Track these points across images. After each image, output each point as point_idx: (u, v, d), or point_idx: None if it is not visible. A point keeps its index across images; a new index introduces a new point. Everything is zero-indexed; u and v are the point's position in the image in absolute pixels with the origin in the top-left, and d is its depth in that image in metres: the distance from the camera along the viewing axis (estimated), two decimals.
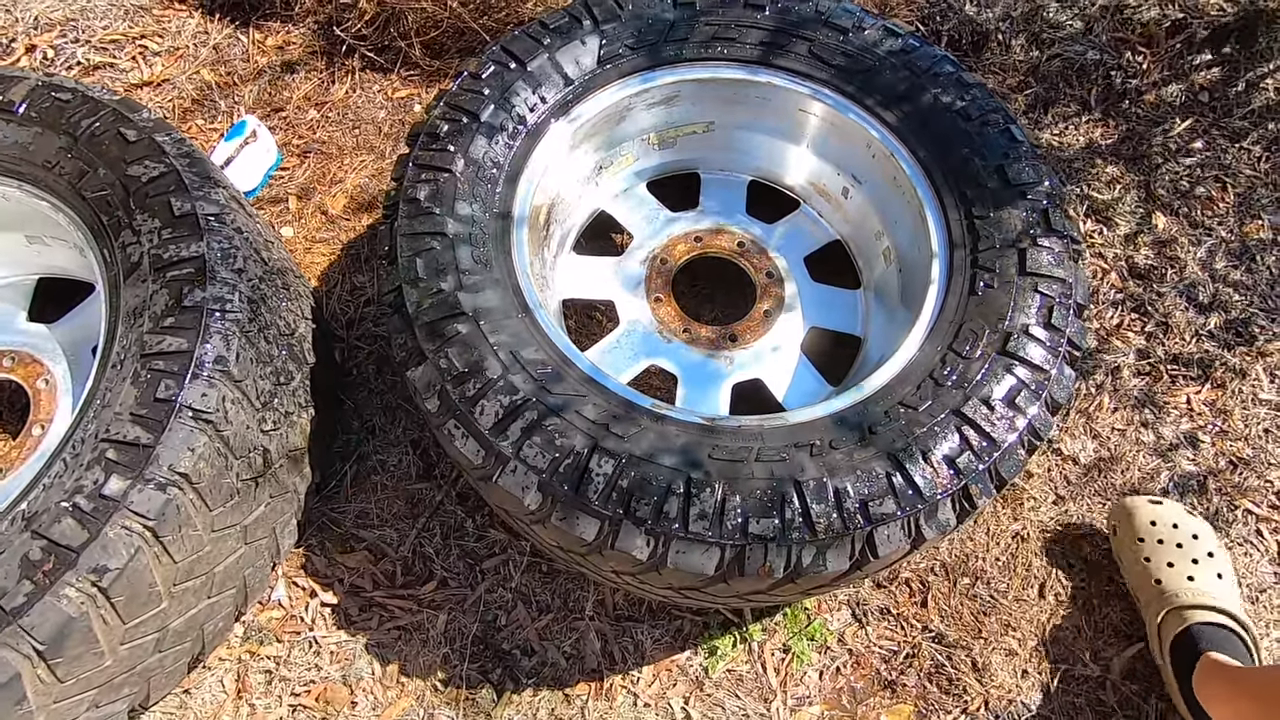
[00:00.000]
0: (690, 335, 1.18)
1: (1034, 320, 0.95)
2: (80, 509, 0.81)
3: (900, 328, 1.06)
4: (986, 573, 1.19)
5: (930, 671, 1.13)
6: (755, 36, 1.15)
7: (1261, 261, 1.41)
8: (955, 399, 0.90)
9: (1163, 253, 1.42)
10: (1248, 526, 1.23)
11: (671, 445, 0.87)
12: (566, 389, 0.90)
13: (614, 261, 1.25)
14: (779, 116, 1.21)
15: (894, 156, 1.10)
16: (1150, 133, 1.50)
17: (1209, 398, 1.31)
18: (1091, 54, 1.56)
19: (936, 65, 1.11)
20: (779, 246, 1.27)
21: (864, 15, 1.15)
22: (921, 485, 0.85)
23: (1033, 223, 1.01)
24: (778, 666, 1.13)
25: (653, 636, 1.14)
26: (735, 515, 0.83)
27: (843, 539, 0.83)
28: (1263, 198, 1.45)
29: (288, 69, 1.59)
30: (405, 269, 0.96)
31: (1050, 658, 1.14)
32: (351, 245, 1.44)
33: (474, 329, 0.92)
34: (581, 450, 0.85)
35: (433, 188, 1.01)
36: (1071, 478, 1.26)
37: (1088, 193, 1.47)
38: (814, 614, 1.16)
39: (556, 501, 0.85)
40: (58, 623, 0.78)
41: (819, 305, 1.24)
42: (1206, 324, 1.36)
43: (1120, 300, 1.39)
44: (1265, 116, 1.51)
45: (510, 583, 1.18)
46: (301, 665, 1.13)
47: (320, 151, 1.52)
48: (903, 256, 1.16)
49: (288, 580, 1.18)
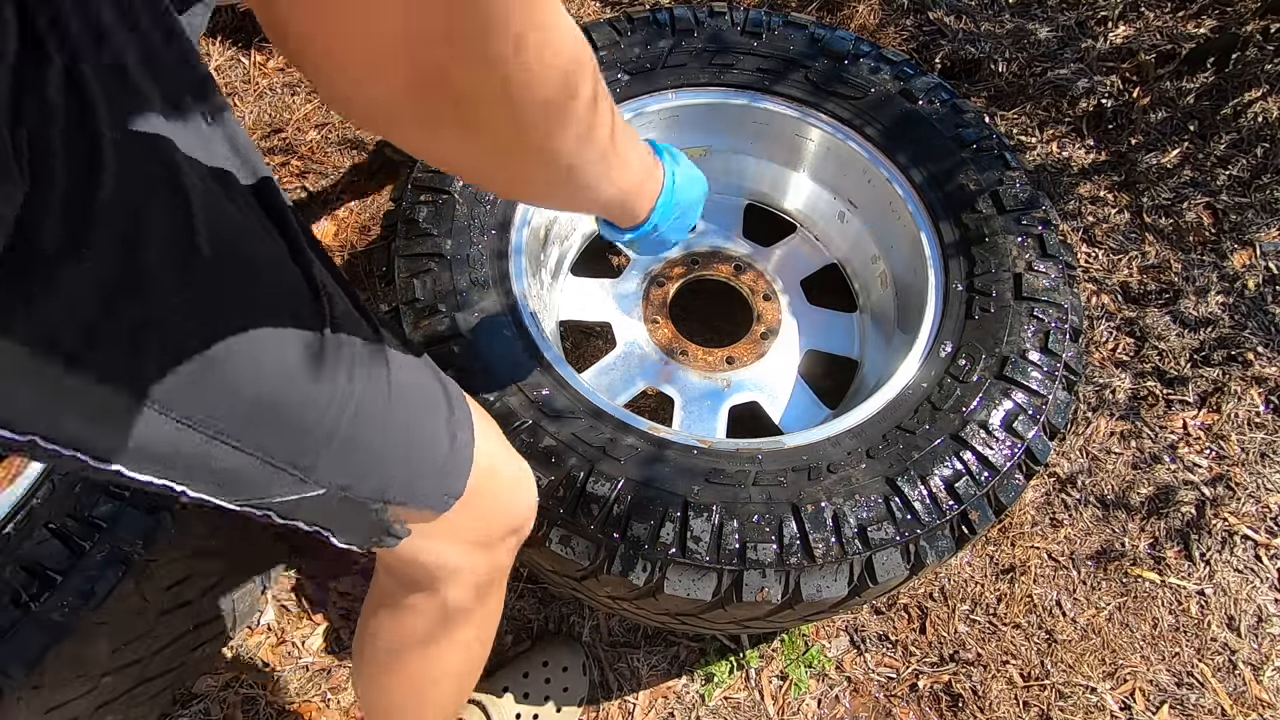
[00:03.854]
0: (687, 358, 1.18)
1: (1030, 345, 0.95)
2: (68, 531, 0.80)
3: (897, 351, 1.07)
4: (985, 598, 1.18)
5: (930, 700, 1.12)
6: (752, 63, 1.16)
7: (1253, 285, 1.42)
8: (953, 423, 0.90)
9: (1155, 276, 1.43)
10: (1246, 552, 1.22)
11: (668, 469, 0.86)
12: (563, 411, 0.89)
13: (611, 283, 1.25)
14: (776, 142, 1.22)
15: (890, 182, 1.11)
16: (1140, 157, 1.52)
17: (1204, 421, 1.32)
18: (1082, 81, 1.58)
19: (932, 92, 1.13)
20: (776, 269, 1.28)
21: (859, 42, 1.17)
22: (920, 510, 0.84)
23: (1028, 247, 1.02)
24: (775, 694, 1.12)
25: (649, 663, 1.13)
26: (732, 540, 0.82)
27: (841, 564, 0.82)
28: (1252, 221, 1.46)
29: (288, 90, 1.60)
30: (403, 290, 0.96)
31: (1052, 685, 1.13)
32: (348, 266, 1.44)
33: (471, 351, 0.92)
34: (578, 473, 0.84)
35: (431, 209, 1.01)
36: (1068, 502, 1.26)
37: (1081, 216, 1.48)
38: (811, 640, 1.15)
39: (552, 525, 0.84)
40: (41, 648, 0.77)
41: (815, 328, 1.24)
42: (1200, 348, 1.36)
43: (1114, 324, 1.40)
44: (1252, 141, 1.53)
45: (505, 608, 1.16)
46: (290, 690, 1.11)
47: (318, 172, 1.53)
48: (899, 280, 1.16)
49: (277, 604, 1.16)
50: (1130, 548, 1.22)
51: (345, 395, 0.51)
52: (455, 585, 0.69)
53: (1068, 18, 1.66)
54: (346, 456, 0.53)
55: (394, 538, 0.61)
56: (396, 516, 0.60)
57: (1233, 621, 1.17)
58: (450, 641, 0.74)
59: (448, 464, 0.62)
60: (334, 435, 0.52)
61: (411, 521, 0.62)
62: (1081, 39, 1.64)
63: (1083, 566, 1.21)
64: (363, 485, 0.56)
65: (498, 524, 0.70)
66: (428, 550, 0.65)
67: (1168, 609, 1.18)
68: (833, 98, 1.14)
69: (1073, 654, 1.15)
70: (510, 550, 0.74)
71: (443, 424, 0.62)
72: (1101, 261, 1.45)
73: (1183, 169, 1.52)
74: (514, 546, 0.75)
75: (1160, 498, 1.26)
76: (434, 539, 0.65)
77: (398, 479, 0.58)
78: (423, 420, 0.61)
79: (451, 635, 0.73)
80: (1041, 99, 1.59)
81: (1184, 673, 1.14)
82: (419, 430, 0.60)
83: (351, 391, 0.52)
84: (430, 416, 0.61)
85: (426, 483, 0.61)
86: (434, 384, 0.63)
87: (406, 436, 0.58)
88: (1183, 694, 1.13)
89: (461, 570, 0.68)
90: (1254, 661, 1.15)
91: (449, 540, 0.66)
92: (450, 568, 0.67)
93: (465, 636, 0.75)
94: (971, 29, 1.64)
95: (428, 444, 0.61)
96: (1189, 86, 1.58)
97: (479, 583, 0.71)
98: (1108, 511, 1.25)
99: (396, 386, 0.56)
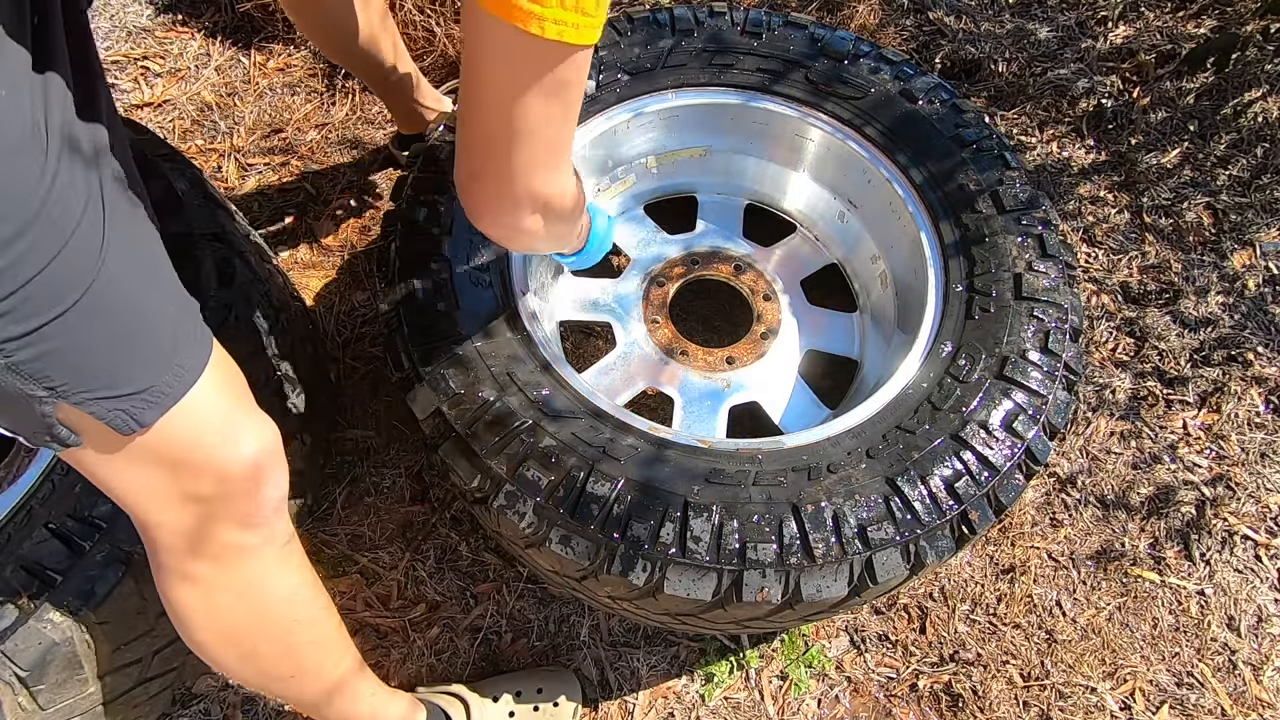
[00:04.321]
0: (687, 358, 1.18)
1: (1030, 345, 0.95)
2: (68, 531, 0.80)
3: (897, 351, 1.07)
4: (985, 598, 1.18)
5: (930, 700, 1.12)
6: (752, 63, 1.16)
7: (1253, 285, 1.42)
8: (953, 423, 0.90)
9: (1155, 276, 1.43)
10: (1246, 552, 1.22)
11: (668, 469, 0.86)
12: (563, 411, 0.89)
13: (611, 283, 1.25)
14: (776, 142, 1.22)
15: (890, 182, 1.11)
16: (1140, 157, 1.52)
17: (1204, 421, 1.32)
18: (1082, 81, 1.58)
19: (932, 92, 1.13)
20: (776, 269, 1.28)
21: (859, 42, 1.17)
22: (920, 510, 0.84)
23: (1028, 247, 1.02)
24: (775, 694, 1.12)
25: (649, 663, 1.13)
26: (732, 540, 0.82)
27: (841, 564, 0.82)
28: (1252, 221, 1.46)
29: (289, 90, 1.60)
30: (403, 290, 0.96)
31: (1052, 685, 1.13)
32: (348, 266, 1.44)
33: (471, 350, 0.92)
34: (578, 473, 0.84)
35: (431, 209, 1.01)
36: (1068, 502, 1.26)
37: (1081, 216, 1.48)
38: (811, 640, 1.15)
39: (552, 525, 0.84)
40: (40, 648, 0.77)
41: (815, 328, 1.24)
42: (1200, 348, 1.36)
43: (1114, 324, 1.40)
44: (1252, 141, 1.53)
45: (505, 608, 1.16)
46: None
47: (318, 173, 1.53)
48: (899, 280, 1.16)
49: None
50: (1130, 548, 1.22)
51: (66, 200, 0.50)
52: (162, 542, 0.65)
53: (1068, 18, 1.66)
54: (35, 300, 0.50)
55: (58, 442, 0.57)
56: (67, 418, 0.56)
57: (1233, 621, 1.17)
58: (208, 606, 0.70)
59: (159, 368, 0.58)
60: (23, 262, 0.48)
61: (87, 434, 0.57)
62: (1081, 39, 1.64)
63: (1083, 566, 1.21)
64: (29, 355, 0.51)
65: (207, 471, 0.64)
66: (122, 483, 0.61)
67: (1168, 609, 1.18)
68: (833, 98, 1.14)
69: (1073, 654, 1.15)
70: (241, 517, 0.67)
71: (174, 321, 0.59)
72: (1101, 261, 1.45)
73: (1183, 169, 1.52)
74: (246, 514, 0.68)
75: (1160, 498, 1.26)
76: (127, 468, 0.61)
77: (79, 367, 0.53)
78: (155, 308, 0.57)
79: (208, 599, 0.69)
80: (1041, 99, 1.59)
81: (1184, 673, 1.14)
82: (145, 311, 0.56)
83: (81, 210, 0.51)
84: (156, 315, 0.58)
85: (116, 387, 0.56)
86: (175, 292, 0.60)
87: (131, 315, 0.55)
88: (1183, 694, 1.13)
89: (163, 526, 0.64)
90: (1254, 661, 1.15)
91: (143, 478, 0.61)
92: (151, 518, 0.64)
93: (218, 603, 0.70)
94: (971, 29, 1.64)
95: (147, 331, 0.57)
96: (1189, 86, 1.58)
97: (193, 545, 0.66)
98: (1108, 511, 1.25)
99: (133, 249, 0.55)
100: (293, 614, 0.76)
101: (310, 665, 0.80)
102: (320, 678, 0.81)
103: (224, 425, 0.65)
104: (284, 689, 0.80)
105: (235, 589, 0.71)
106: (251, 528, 0.69)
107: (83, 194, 0.53)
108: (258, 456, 0.67)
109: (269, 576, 0.73)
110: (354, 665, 0.85)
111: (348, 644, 0.84)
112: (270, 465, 0.69)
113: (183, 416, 0.61)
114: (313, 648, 0.79)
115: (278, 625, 0.75)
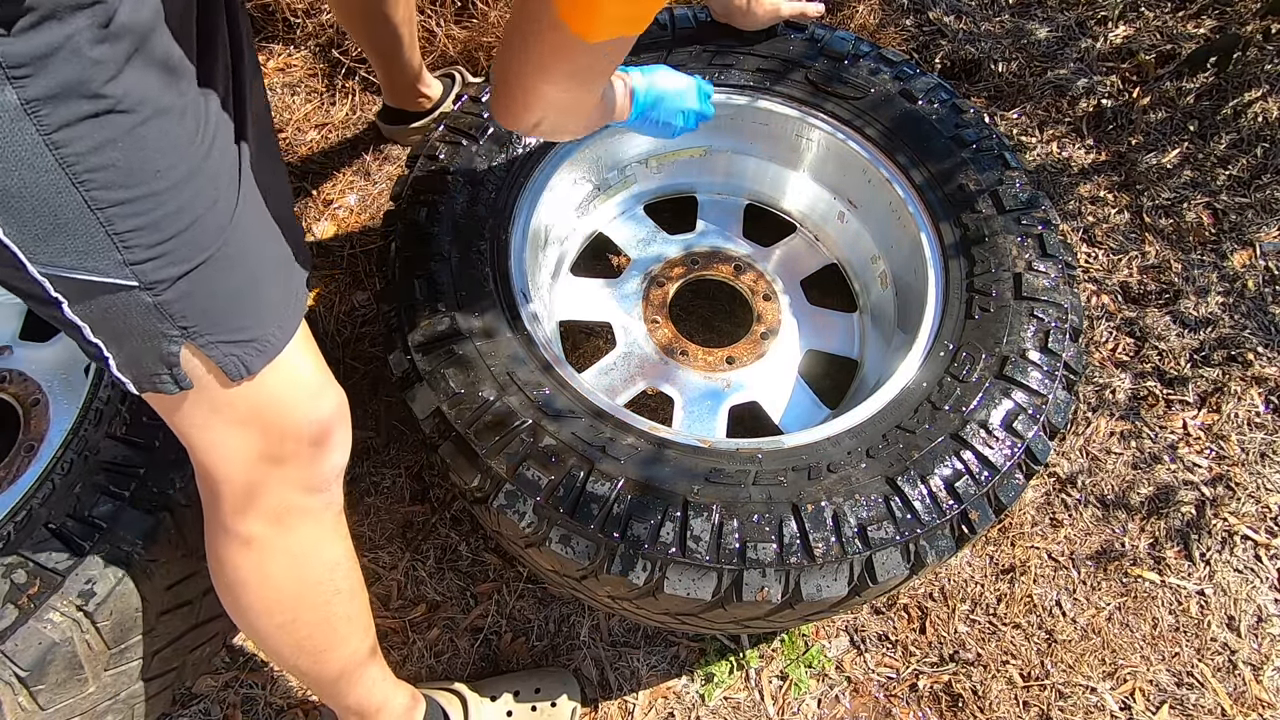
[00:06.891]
0: (687, 358, 1.18)
1: (1030, 344, 0.95)
2: (68, 531, 0.80)
3: (897, 351, 1.07)
4: (985, 598, 1.18)
5: (930, 700, 1.12)
6: (753, 63, 1.16)
7: (1253, 285, 1.42)
8: (953, 423, 0.90)
9: (1155, 276, 1.43)
10: (1246, 552, 1.22)
11: (668, 468, 0.86)
12: (563, 411, 0.89)
13: (611, 283, 1.25)
14: (776, 142, 1.22)
15: (890, 182, 1.11)
16: (1140, 157, 1.52)
17: (1204, 421, 1.32)
18: (1082, 81, 1.58)
19: (932, 92, 1.13)
20: (776, 269, 1.28)
21: (859, 42, 1.17)
22: (920, 510, 0.84)
23: (1028, 247, 1.02)
24: (775, 694, 1.12)
25: (649, 663, 1.13)
26: (732, 540, 0.82)
27: (841, 564, 0.82)
28: (1252, 221, 1.46)
29: (288, 90, 1.60)
30: (403, 290, 0.96)
31: (1052, 685, 1.13)
32: (348, 266, 1.44)
33: (471, 350, 0.92)
34: (577, 473, 0.84)
35: (431, 209, 1.01)
36: (1068, 502, 1.26)
37: (1081, 216, 1.49)
38: (811, 640, 1.15)
39: (552, 525, 0.84)
40: (41, 648, 0.77)
41: (815, 328, 1.24)
42: (1200, 348, 1.36)
43: (1114, 324, 1.40)
44: (1252, 141, 1.53)
45: (505, 608, 1.16)
46: (290, 690, 1.11)
47: (318, 173, 1.53)
48: (899, 280, 1.16)
49: None
50: (1130, 548, 1.22)
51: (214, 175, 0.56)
52: (226, 498, 0.67)
53: (1067, 18, 1.66)
54: (190, 245, 0.55)
55: (174, 383, 0.59)
56: (186, 361, 0.59)
57: (1233, 621, 1.17)
58: (261, 570, 0.72)
59: (268, 320, 0.63)
60: (184, 211, 0.54)
61: (198, 379, 0.60)
62: (1081, 39, 1.64)
63: (1083, 566, 1.21)
64: (174, 295, 0.55)
65: (290, 430, 0.66)
66: (209, 435, 0.64)
67: (1168, 609, 1.18)
68: (833, 98, 1.14)
69: (1073, 654, 1.15)
70: (309, 479, 0.70)
71: (284, 280, 0.64)
72: (1101, 261, 1.45)
73: (1183, 169, 1.52)
74: (314, 476, 0.70)
75: (1160, 498, 1.26)
76: (217, 420, 0.63)
77: (209, 311, 0.58)
78: (271, 266, 0.63)
79: (261, 563, 0.71)
80: (1041, 99, 1.59)
81: (1184, 673, 1.14)
82: (264, 267, 0.62)
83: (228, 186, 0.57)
84: (273, 269, 0.63)
85: (235, 333, 0.60)
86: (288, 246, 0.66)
87: (253, 269, 0.60)
88: (1183, 694, 1.13)
89: (232, 481, 0.66)
90: (1254, 661, 1.15)
91: (229, 432, 0.64)
92: (222, 471, 0.65)
93: (271, 568, 0.72)
94: (971, 29, 1.65)
95: (263, 285, 0.62)
96: (1189, 86, 1.58)
97: (257, 504, 0.68)
98: (1108, 511, 1.25)
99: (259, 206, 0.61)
100: (335, 583, 0.77)
101: (339, 639, 0.81)
102: (344, 654, 0.82)
103: (312, 382, 0.69)
104: (311, 663, 0.80)
105: (291, 552, 0.73)
106: (315, 491, 0.71)
107: (232, 151, 0.59)
108: (334, 418, 0.70)
109: (322, 542, 0.75)
110: (373, 646, 0.86)
111: (371, 623, 0.85)
112: (342, 429, 0.72)
113: (281, 370, 0.64)
114: (347, 622, 0.80)
115: (321, 594, 0.76)
